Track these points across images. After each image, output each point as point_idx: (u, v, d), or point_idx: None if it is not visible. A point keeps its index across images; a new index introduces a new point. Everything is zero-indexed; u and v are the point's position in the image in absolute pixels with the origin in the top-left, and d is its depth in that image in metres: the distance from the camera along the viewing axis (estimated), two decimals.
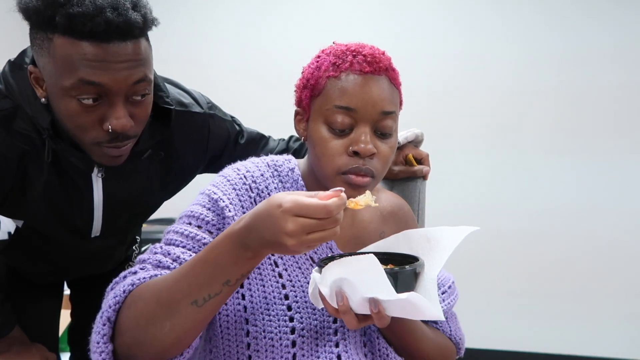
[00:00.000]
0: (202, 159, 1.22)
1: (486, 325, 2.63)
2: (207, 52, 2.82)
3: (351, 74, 0.86)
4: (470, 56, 2.64)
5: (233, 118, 1.28)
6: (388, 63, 0.89)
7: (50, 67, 0.89)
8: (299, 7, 2.77)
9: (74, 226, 1.12)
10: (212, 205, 0.90)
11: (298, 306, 0.88)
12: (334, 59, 0.89)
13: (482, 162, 2.68)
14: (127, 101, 0.92)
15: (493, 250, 2.64)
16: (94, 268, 1.35)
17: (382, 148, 0.87)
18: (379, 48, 0.91)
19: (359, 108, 0.85)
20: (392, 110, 0.87)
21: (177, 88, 1.17)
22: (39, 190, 1.03)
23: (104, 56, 0.87)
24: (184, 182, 1.24)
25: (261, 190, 0.93)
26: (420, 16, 2.67)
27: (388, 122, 0.87)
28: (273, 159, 0.98)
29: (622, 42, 2.53)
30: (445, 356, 0.98)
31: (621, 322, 2.61)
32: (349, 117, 0.85)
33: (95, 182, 1.07)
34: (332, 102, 0.86)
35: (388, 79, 0.88)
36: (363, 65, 0.86)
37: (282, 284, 0.89)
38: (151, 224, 2.45)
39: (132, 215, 1.21)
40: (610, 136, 2.58)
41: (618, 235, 2.58)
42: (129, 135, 0.94)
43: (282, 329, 0.86)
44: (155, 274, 0.82)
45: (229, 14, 2.80)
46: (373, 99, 0.85)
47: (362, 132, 0.85)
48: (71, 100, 0.89)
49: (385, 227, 1.01)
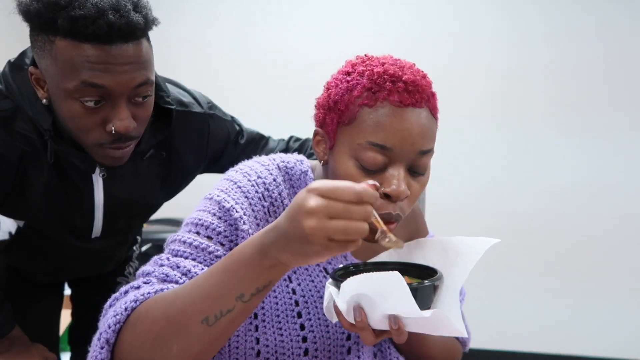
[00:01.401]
0: (202, 159, 1.22)
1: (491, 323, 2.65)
2: (211, 51, 2.83)
3: (389, 104, 0.76)
4: (474, 37, 2.65)
5: (233, 118, 1.28)
6: (430, 90, 0.79)
7: (52, 69, 0.89)
8: (304, 3, 2.78)
9: (75, 227, 1.12)
10: (223, 214, 0.81)
11: (311, 324, 0.83)
12: (369, 83, 0.77)
13: (490, 143, 2.68)
14: (129, 102, 0.92)
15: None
16: (94, 268, 1.35)
17: (414, 188, 0.79)
18: (419, 70, 0.80)
19: (396, 147, 0.75)
20: (430, 149, 0.78)
21: (178, 88, 1.18)
22: (39, 191, 1.03)
23: (106, 58, 0.87)
24: (184, 182, 1.24)
25: (274, 198, 0.84)
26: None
27: (425, 160, 0.78)
28: (284, 160, 0.89)
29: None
30: (451, 355, 0.96)
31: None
32: (382, 155, 0.76)
33: (96, 183, 1.07)
34: (366, 137, 0.76)
35: (429, 109, 0.78)
36: (403, 96, 0.76)
37: (296, 300, 0.83)
38: (151, 224, 2.45)
39: (132, 216, 1.21)
40: (617, 114, 2.59)
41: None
42: (132, 136, 0.94)
43: (295, 350, 0.81)
44: (162, 289, 0.73)
45: (233, 13, 2.81)
46: (412, 137, 0.75)
47: (396, 173, 0.76)
48: (74, 102, 0.89)
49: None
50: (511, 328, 2.70)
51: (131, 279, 1.44)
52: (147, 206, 1.22)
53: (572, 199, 2.63)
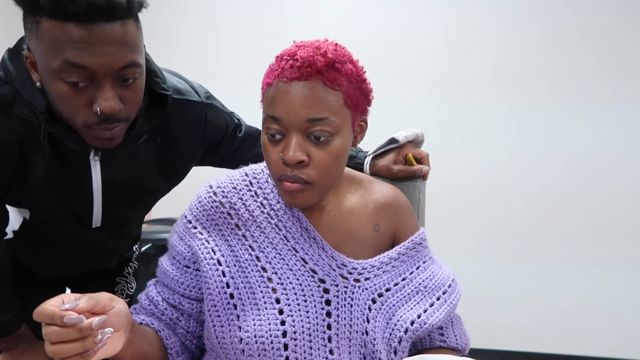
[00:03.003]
0: (199, 148, 1.23)
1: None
2: (217, 47, 2.88)
3: (280, 81, 0.85)
4: (468, 11, 2.67)
5: (232, 113, 1.29)
6: (323, 65, 0.84)
7: (39, 50, 0.90)
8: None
9: (75, 213, 1.13)
10: (185, 234, 0.96)
11: (290, 309, 0.87)
12: (274, 64, 0.88)
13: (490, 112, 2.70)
14: (115, 83, 0.92)
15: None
16: (99, 263, 1.36)
17: (316, 154, 0.85)
18: (327, 45, 0.87)
19: (284, 117, 0.84)
20: (321, 117, 0.84)
21: (176, 77, 1.19)
22: (40, 175, 1.05)
23: (88, 38, 0.86)
24: (182, 170, 1.24)
25: (234, 203, 0.95)
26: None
27: (319, 128, 0.84)
28: (252, 167, 1.00)
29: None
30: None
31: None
32: (278, 125, 0.85)
33: (94, 167, 1.08)
34: (265, 110, 0.87)
35: (322, 82, 0.84)
36: (291, 71, 0.84)
37: (273, 288, 0.89)
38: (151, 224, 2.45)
39: (132, 204, 1.22)
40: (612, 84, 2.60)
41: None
42: (120, 117, 0.94)
43: (273, 332, 0.86)
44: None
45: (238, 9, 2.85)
46: (296, 107, 0.83)
47: (289, 141, 0.85)
48: (60, 82, 0.90)
49: (379, 220, 0.99)
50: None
51: (130, 279, 1.45)
52: (146, 194, 1.22)
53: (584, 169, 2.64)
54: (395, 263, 0.97)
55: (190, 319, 0.96)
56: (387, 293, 0.94)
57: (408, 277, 0.97)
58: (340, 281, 0.92)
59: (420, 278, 0.98)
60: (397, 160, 1.21)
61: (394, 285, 0.95)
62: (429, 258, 1.02)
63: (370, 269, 0.94)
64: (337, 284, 0.91)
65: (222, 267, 0.91)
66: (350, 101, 0.87)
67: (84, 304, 0.67)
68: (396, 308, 0.93)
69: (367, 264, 0.94)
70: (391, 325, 0.92)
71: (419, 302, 0.95)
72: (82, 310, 0.67)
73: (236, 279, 0.90)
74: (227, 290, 0.89)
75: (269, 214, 0.95)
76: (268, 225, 0.94)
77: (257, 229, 0.94)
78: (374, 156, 1.25)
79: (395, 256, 0.97)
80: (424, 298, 0.96)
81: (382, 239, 0.99)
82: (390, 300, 0.93)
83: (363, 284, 0.92)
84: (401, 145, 1.22)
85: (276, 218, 0.95)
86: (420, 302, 0.95)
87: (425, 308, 0.95)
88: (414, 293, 0.96)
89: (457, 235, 2.67)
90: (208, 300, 0.90)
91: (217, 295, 0.89)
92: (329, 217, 0.97)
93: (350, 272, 0.93)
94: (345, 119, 0.87)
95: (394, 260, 0.97)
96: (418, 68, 2.71)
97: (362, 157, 1.26)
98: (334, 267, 0.92)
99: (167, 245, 1.02)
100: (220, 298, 0.89)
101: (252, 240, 0.93)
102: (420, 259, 1.00)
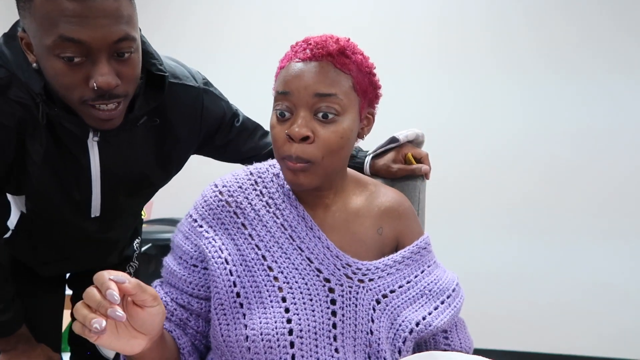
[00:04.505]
0: (196, 134, 1.22)
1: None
2: (224, 44, 2.90)
3: (292, 62, 0.88)
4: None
5: (230, 103, 1.29)
6: (335, 49, 0.87)
7: (33, 27, 0.89)
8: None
9: (74, 201, 1.13)
10: (191, 233, 0.96)
11: (296, 308, 0.88)
12: (289, 51, 0.91)
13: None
14: (111, 58, 0.92)
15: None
16: (97, 258, 1.35)
17: (321, 132, 0.86)
18: (339, 37, 0.91)
19: (293, 91, 0.86)
20: (330, 93, 0.85)
21: (173, 62, 1.18)
22: (38, 161, 1.04)
23: (82, 11, 0.86)
24: (179, 159, 1.24)
25: (240, 202, 0.96)
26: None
27: (327, 104, 0.86)
28: (256, 166, 1.01)
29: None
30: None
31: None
32: (287, 101, 0.87)
33: (92, 152, 1.07)
34: (276, 88, 0.90)
35: (333, 64, 0.87)
36: (304, 53, 0.87)
37: (279, 287, 0.90)
38: (151, 224, 2.45)
39: (130, 193, 1.21)
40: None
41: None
42: (117, 94, 0.94)
43: (280, 331, 0.86)
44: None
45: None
46: (305, 81, 0.85)
47: (296, 117, 0.86)
48: (55, 59, 0.89)
49: (383, 223, 1.00)
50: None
51: None
52: (143, 179, 1.21)
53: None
54: (399, 266, 0.97)
55: (199, 318, 0.96)
56: (392, 295, 0.94)
57: (413, 280, 0.97)
58: (345, 281, 0.92)
59: (424, 282, 0.98)
60: (396, 159, 1.21)
61: (398, 287, 0.95)
62: (433, 262, 1.03)
63: (375, 271, 0.94)
64: (342, 284, 0.92)
65: (229, 265, 0.91)
66: (359, 87, 0.89)
67: (130, 285, 0.69)
68: (400, 309, 0.93)
69: (371, 265, 0.94)
70: (395, 326, 0.92)
71: (423, 305, 0.95)
72: (125, 290, 0.69)
73: (242, 278, 0.90)
74: (234, 289, 0.89)
75: (274, 213, 0.95)
76: (274, 225, 0.94)
77: (263, 228, 0.94)
78: (373, 156, 1.25)
79: (400, 259, 0.97)
80: (429, 301, 0.96)
81: (385, 242, 1.00)
82: (394, 302, 0.93)
83: (367, 284, 0.93)
84: (401, 144, 1.22)
85: (282, 217, 0.95)
86: (425, 304, 0.96)
87: (430, 311, 0.95)
88: (418, 296, 0.96)
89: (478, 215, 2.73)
90: (215, 298, 0.90)
91: (224, 294, 0.89)
92: (333, 218, 0.97)
93: (354, 272, 0.93)
94: (353, 102, 0.89)
95: (398, 263, 0.97)
96: (418, 58, 2.74)
97: (362, 157, 1.26)
98: (339, 266, 0.92)
99: (169, 245, 1.02)
100: (227, 297, 0.89)
101: (258, 240, 0.93)
102: (425, 263, 1.01)
